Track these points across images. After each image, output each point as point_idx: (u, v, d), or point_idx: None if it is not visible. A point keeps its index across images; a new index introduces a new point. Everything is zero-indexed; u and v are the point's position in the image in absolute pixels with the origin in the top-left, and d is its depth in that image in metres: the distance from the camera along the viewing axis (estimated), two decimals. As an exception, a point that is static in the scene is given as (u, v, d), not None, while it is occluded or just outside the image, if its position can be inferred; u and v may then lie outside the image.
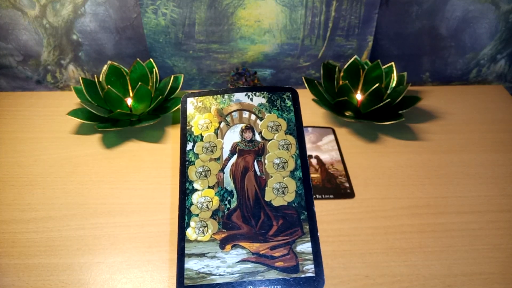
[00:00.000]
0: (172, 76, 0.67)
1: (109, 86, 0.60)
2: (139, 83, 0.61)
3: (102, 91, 0.62)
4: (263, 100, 0.42)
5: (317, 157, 0.61)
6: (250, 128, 0.41)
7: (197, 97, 0.42)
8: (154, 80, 0.65)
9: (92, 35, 0.70)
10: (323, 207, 0.53)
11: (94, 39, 0.71)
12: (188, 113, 0.42)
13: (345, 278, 0.45)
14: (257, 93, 0.42)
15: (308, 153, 0.61)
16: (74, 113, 0.64)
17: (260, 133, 0.40)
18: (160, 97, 0.64)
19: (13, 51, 0.72)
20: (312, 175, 0.58)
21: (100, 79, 0.65)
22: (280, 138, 0.40)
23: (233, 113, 0.41)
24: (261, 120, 0.41)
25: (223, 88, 0.77)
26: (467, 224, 0.51)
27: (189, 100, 0.42)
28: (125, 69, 0.66)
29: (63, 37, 0.71)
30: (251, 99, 0.42)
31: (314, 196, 0.55)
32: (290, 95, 0.42)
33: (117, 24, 0.69)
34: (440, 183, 0.57)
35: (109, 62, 0.65)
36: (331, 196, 0.55)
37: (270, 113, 0.41)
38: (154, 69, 0.66)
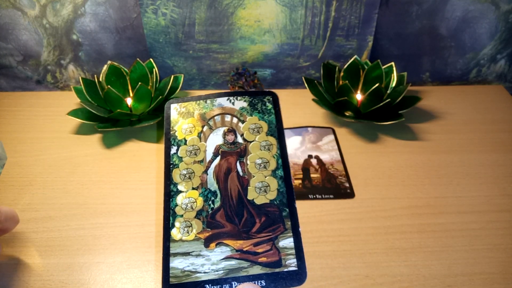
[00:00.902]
0: (172, 76, 0.68)
1: (109, 86, 0.60)
2: (139, 83, 0.61)
3: (102, 91, 0.62)
4: (245, 104, 0.43)
5: (317, 157, 0.61)
6: (232, 130, 0.42)
7: (180, 103, 0.43)
8: (154, 80, 0.66)
9: (92, 35, 0.70)
10: (323, 207, 0.53)
11: (94, 39, 0.71)
12: (171, 119, 0.43)
13: (345, 278, 0.45)
14: (239, 98, 0.43)
15: (308, 153, 0.61)
16: (74, 113, 0.64)
17: (242, 135, 0.41)
18: (160, 97, 0.64)
19: (13, 51, 0.72)
20: (312, 175, 0.58)
21: (100, 79, 0.65)
22: (262, 139, 0.41)
23: (215, 117, 0.42)
24: (242, 123, 0.42)
25: (221, 90, 0.77)
26: (467, 224, 0.51)
27: (173, 106, 0.43)
28: (125, 69, 0.66)
29: (63, 37, 0.71)
30: (233, 103, 0.43)
31: (314, 196, 0.55)
32: (271, 98, 0.43)
33: (117, 24, 0.69)
34: (440, 183, 0.57)
35: (109, 62, 0.65)
36: (331, 196, 0.55)
37: (252, 116, 0.42)
38: (154, 69, 0.66)
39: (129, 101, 0.64)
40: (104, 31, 0.70)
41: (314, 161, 0.60)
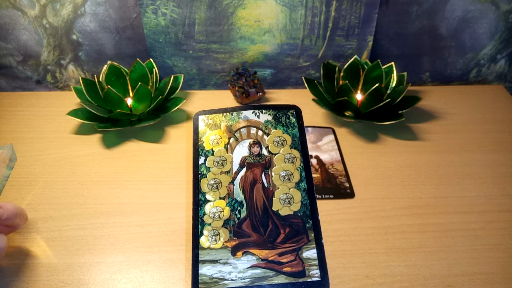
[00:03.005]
0: (172, 76, 0.68)
1: (109, 86, 0.60)
2: (139, 83, 0.61)
3: (102, 91, 0.62)
4: (269, 117, 0.44)
5: (317, 157, 0.61)
6: (257, 143, 0.43)
7: (207, 115, 0.45)
8: (154, 80, 0.66)
9: (92, 35, 0.70)
10: (323, 207, 0.53)
11: (94, 39, 0.71)
12: (199, 130, 0.44)
13: (345, 278, 0.45)
14: (264, 111, 0.45)
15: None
16: (74, 113, 0.64)
17: (267, 147, 0.42)
18: (160, 97, 0.64)
19: (13, 51, 0.72)
20: (312, 175, 0.58)
21: (100, 79, 0.65)
22: (286, 152, 0.42)
23: (241, 129, 0.44)
24: (267, 136, 0.43)
25: (221, 90, 0.77)
26: (467, 224, 0.51)
27: (200, 117, 0.45)
28: (125, 69, 0.66)
29: (63, 37, 0.71)
30: (258, 116, 0.44)
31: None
32: (294, 112, 0.45)
33: (117, 24, 0.69)
34: (440, 183, 0.57)
35: (109, 62, 0.65)
36: (331, 196, 0.55)
37: (276, 129, 0.43)
38: (154, 69, 0.66)
39: (129, 101, 0.64)
40: (104, 31, 0.70)
41: (314, 161, 0.60)
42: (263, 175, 0.41)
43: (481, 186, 0.56)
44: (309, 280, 0.36)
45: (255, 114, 0.44)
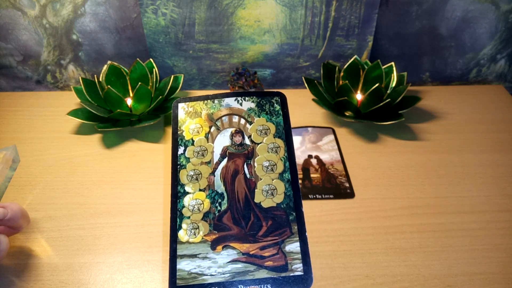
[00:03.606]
0: (172, 76, 0.68)
1: (109, 86, 0.60)
2: (139, 83, 0.61)
3: (102, 91, 0.62)
4: (252, 105, 0.42)
5: (317, 157, 0.61)
6: (239, 132, 0.41)
7: (188, 102, 0.43)
8: (154, 80, 0.66)
9: (92, 35, 0.70)
10: (323, 207, 0.53)
11: (94, 39, 0.71)
12: (179, 118, 0.42)
13: (345, 278, 0.45)
14: (247, 98, 0.43)
15: (308, 153, 0.61)
16: (74, 113, 0.64)
17: (249, 136, 0.41)
18: (160, 97, 0.64)
19: (13, 51, 0.72)
20: (312, 175, 0.58)
21: (100, 79, 0.65)
22: (269, 141, 0.40)
23: (223, 118, 0.42)
24: (250, 124, 0.41)
25: (221, 90, 0.77)
26: (467, 224, 0.51)
27: (180, 105, 0.43)
28: (125, 69, 0.66)
29: (63, 37, 0.71)
30: (241, 104, 0.42)
31: (314, 196, 0.55)
32: (279, 99, 0.42)
33: (117, 24, 0.69)
34: (440, 183, 0.57)
35: (109, 62, 0.65)
36: (331, 196, 0.55)
37: (259, 117, 0.42)
38: (154, 69, 0.66)
39: (129, 101, 0.64)
40: (104, 31, 0.70)
41: (314, 161, 0.60)
42: (245, 166, 0.40)
43: (481, 186, 0.56)
44: (291, 274, 0.35)
45: (238, 101, 0.42)
